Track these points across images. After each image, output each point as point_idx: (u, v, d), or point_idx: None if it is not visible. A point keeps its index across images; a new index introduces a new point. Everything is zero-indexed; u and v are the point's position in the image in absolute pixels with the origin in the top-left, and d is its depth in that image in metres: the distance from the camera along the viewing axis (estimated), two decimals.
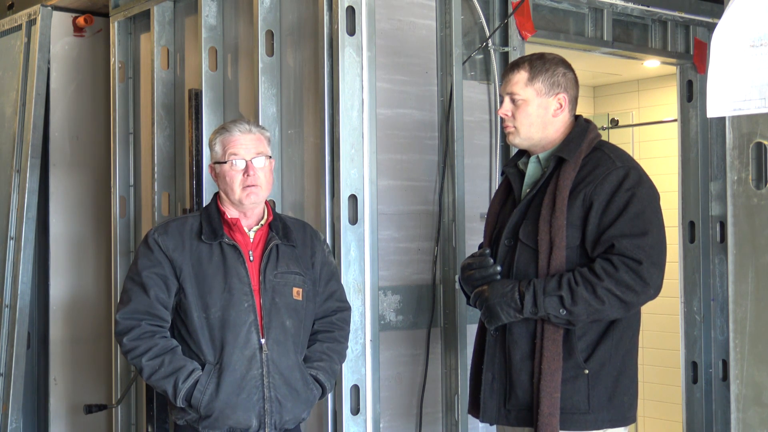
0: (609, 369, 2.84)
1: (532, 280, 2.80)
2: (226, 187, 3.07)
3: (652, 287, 2.74)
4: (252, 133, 3.10)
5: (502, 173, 3.14)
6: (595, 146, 2.92)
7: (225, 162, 3.06)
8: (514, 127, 2.95)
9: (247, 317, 3.00)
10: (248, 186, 3.04)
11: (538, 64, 2.96)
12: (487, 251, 2.94)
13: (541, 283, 2.78)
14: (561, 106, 2.95)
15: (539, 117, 2.94)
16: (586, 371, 2.81)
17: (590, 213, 2.79)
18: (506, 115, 2.96)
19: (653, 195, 2.85)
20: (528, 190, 2.95)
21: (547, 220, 2.81)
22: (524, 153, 3.06)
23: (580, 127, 2.97)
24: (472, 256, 3.02)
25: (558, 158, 2.89)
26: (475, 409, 3.06)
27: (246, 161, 3.05)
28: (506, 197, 3.08)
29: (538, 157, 2.98)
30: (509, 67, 3.00)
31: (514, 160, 3.09)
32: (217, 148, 3.10)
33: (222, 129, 3.13)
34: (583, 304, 2.73)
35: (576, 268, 2.79)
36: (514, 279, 2.88)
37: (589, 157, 2.88)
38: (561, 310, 2.75)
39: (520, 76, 2.94)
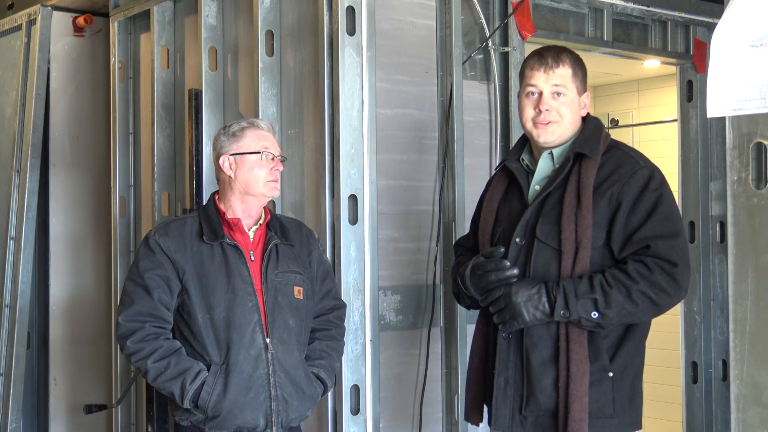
0: (630, 371, 2.77)
1: (561, 282, 2.68)
2: (249, 178, 3.07)
3: (683, 290, 2.67)
4: (275, 135, 3.21)
5: (502, 167, 2.99)
6: (610, 144, 2.84)
7: (257, 152, 3.08)
8: (557, 122, 2.81)
9: (251, 317, 3.00)
10: (272, 180, 3.10)
11: (576, 59, 2.85)
12: (501, 249, 2.78)
13: (571, 285, 2.66)
14: (585, 105, 2.88)
15: (575, 114, 2.84)
16: (610, 374, 2.72)
17: (617, 213, 2.70)
18: (549, 109, 2.80)
19: (673, 196, 2.78)
20: (537, 187, 2.84)
21: (572, 219, 2.70)
22: (524, 148, 2.95)
23: (593, 123, 2.88)
24: (483, 255, 2.84)
25: (576, 154, 2.78)
26: (474, 416, 2.97)
27: (275, 156, 3.12)
28: (505, 193, 2.96)
29: (551, 152, 2.85)
30: (548, 59, 2.82)
31: (516, 155, 2.95)
32: (247, 139, 3.10)
33: (249, 123, 3.15)
34: (617, 307, 2.64)
35: (605, 269, 2.69)
36: (535, 280, 2.74)
37: (608, 155, 2.80)
38: (594, 313, 2.65)
39: (566, 71, 2.82)
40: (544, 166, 2.86)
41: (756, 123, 2.03)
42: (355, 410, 3.58)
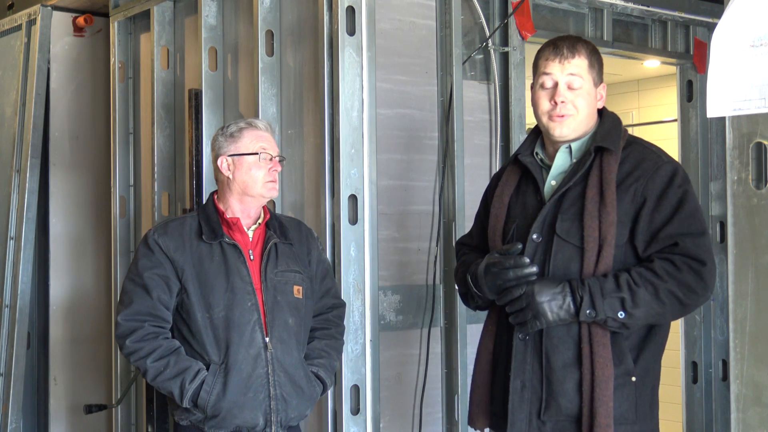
0: (651, 375, 2.67)
1: (586, 281, 2.56)
2: (247, 179, 3.07)
3: (710, 289, 2.58)
4: (273, 135, 3.19)
5: (513, 161, 2.85)
6: (629, 140, 2.73)
7: (255, 153, 3.08)
8: (573, 115, 2.68)
9: (251, 316, 3.00)
10: (271, 180, 3.09)
11: (592, 49, 2.74)
12: (519, 246, 2.64)
13: (596, 284, 2.54)
14: (602, 96, 2.77)
15: (591, 106, 2.72)
16: (633, 378, 2.61)
17: (642, 210, 2.60)
18: (565, 101, 2.67)
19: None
20: (554, 182, 2.72)
21: (595, 215, 2.59)
22: (536, 141, 2.82)
23: (612, 117, 2.76)
24: (498, 252, 2.70)
25: (597, 148, 2.66)
26: (480, 420, 2.83)
27: (273, 156, 3.12)
28: (517, 188, 2.82)
29: (569, 146, 2.73)
30: (563, 49, 2.70)
31: (528, 149, 2.82)
32: (245, 140, 3.10)
33: (247, 123, 3.14)
34: (644, 306, 2.53)
35: (630, 267, 2.59)
36: (557, 278, 2.62)
37: (629, 151, 2.68)
38: (620, 313, 2.53)
39: (582, 62, 2.70)
40: (561, 161, 2.74)
41: (756, 123, 2.03)
42: (355, 410, 3.58)
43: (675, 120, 5.10)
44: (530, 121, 4.32)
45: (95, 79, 5.33)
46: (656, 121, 6.49)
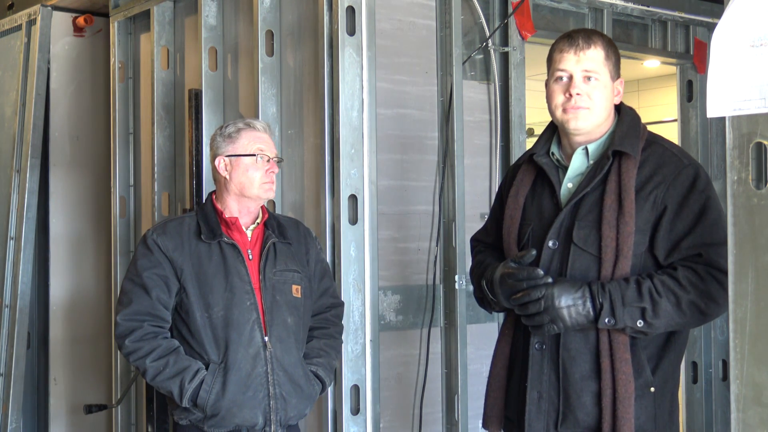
0: (670, 384, 2.61)
1: (606, 286, 2.48)
2: (244, 180, 3.06)
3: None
4: (271, 135, 3.18)
5: (529, 161, 2.74)
6: (648, 139, 2.63)
7: (252, 155, 3.07)
8: (588, 109, 2.58)
9: (250, 315, 3.00)
10: (267, 182, 3.08)
11: (608, 41, 2.63)
12: (533, 253, 2.57)
13: (618, 291, 2.47)
14: (619, 92, 2.66)
15: (608, 100, 2.62)
16: (652, 389, 2.55)
17: (663, 217, 2.52)
18: (580, 93, 2.57)
19: (717, 195, 2.61)
20: (571, 185, 2.63)
21: (613, 224, 2.50)
22: (551, 140, 2.72)
23: (630, 116, 2.66)
24: (514, 261, 2.60)
25: (615, 152, 2.56)
26: (493, 424, 2.75)
27: (270, 158, 3.10)
28: (532, 189, 2.72)
29: (586, 148, 2.63)
30: (578, 40, 2.60)
31: (544, 148, 2.71)
32: (243, 141, 3.09)
33: (245, 124, 3.13)
34: (665, 317, 2.47)
35: (652, 273, 2.51)
36: (577, 281, 2.53)
37: (648, 152, 2.58)
38: (639, 322, 2.47)
39: (598, 53, 2.59)
40: (578, 163, 2.64)
41: (756, 123, 2.02)
42: (355, 410, 3.58)
43: (675, 120, 5.10)
44: (530, 121, 4.33)
45: (95, 79, 5.34)
46: (656, 121, 6.49)
